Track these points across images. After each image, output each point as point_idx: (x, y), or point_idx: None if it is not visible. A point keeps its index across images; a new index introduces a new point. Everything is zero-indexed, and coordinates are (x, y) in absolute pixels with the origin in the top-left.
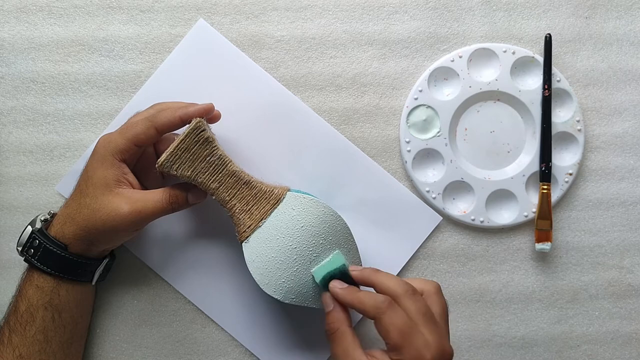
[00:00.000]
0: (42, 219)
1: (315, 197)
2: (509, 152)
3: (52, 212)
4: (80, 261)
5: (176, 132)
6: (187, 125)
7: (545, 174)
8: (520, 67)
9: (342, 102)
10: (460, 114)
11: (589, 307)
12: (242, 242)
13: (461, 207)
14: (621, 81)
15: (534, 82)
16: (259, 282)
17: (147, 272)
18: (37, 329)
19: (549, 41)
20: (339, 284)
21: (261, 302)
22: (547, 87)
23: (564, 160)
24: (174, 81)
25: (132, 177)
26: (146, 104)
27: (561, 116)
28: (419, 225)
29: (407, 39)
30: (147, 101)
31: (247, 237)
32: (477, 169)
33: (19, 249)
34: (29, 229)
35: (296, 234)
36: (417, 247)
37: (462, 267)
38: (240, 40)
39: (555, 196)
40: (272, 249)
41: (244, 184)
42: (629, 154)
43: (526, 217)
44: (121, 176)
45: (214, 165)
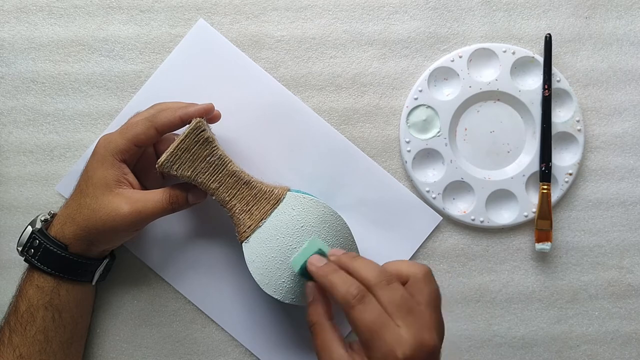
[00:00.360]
0: (42, 219)
1: (315, 197)
2: (509, 152)
3: (52, 212)
4: (80, 261)
5: (176, 132)
6: (187, 125)
7: (545, 174)
8: (520, 67)
9: (342, 102)
10: (460, 114)
11: (588, 307)
12: (242, 242)
13: (461, 207)
14: (621, 81)
15: (534, 82)
16: (259, 282)
17: (147, 272)
18: (38, 329)
19: (549, 41)
20: (316, 261)
21: (261, 302)
22: (547, 87)
23: (564, 160)
24: (174, 81)
25: (132, 177)
26: (146, 104)
27: (561, 116)
28: (419, 225)
29: (407, 39)
30: (147, 101)
31: (247, 237)
32: (477, 169)
33: (19, 249)
34: (29, 229)
35: (296, 234)
36: (417, 247)
37: (462, 267)
38: (240, 40)
39: (555, 196)
40: (272, 249)
41: (244, 184)
42: (629, 154)
43: (526, 217)
44: (121, 176)
45: (214, 165)
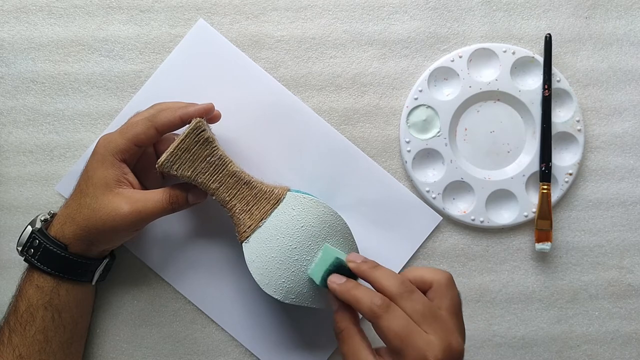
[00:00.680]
0: (42, 219)
1: (315, 197)
2: (509, 152)
3: (52, 212)
4: (80, 261)
5: (176, 132)
6: (187, 125)
7: (545, 174)
8: (520, 67)
9: (342, 102)
10: (460, 114)
11: (588, 307)
12: (242, 242)
13: (461, 207)
14: (621, 81)
15: (534, 82)
16: (259, 282)
17: (147, 272)
18: (37, 329)
19: (549, 41)
20: (336, 278)
21: (261, 302)
22: (547, 87)
23: (564, 160)
24: (174, 81)
25: (132, 177)
26: (146, 104)
27: (561, 116)
28: (419, 225)
29: (407, 39)
30: (147, 101)
31: (247, 237)
32: (477, 169)
33: (19, 249)
34: (29, 229)
35: (296, 234)
36: (417, 247)
37: (462, 267)
38: (240, 40)
39: (555, 196)
40: (272, 249)
41: (244, 184)
42: (629, 154)
43: (526, 217)
44: (121, 176)
45: (214, 165)
